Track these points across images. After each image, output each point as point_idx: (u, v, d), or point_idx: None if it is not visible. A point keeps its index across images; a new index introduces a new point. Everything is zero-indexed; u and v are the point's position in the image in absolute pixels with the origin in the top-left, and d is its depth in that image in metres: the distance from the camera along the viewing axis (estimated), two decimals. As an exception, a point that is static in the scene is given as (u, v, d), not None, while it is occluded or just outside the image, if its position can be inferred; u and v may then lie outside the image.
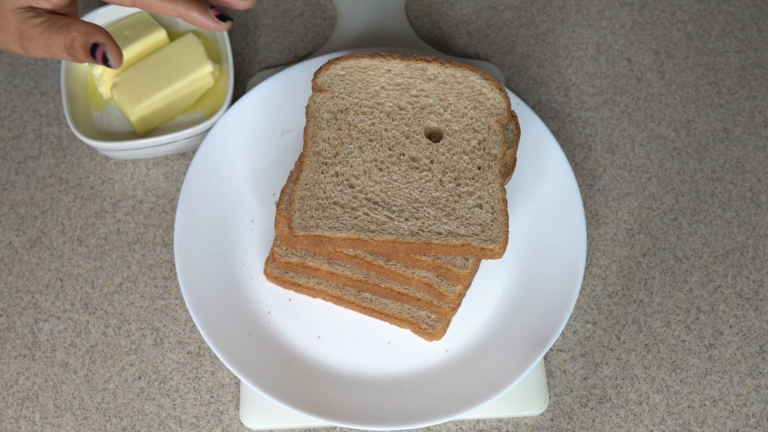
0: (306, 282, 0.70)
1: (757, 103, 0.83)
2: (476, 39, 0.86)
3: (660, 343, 0.72)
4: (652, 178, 0.79)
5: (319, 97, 0.69)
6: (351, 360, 0.69)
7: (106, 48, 0.59)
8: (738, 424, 0.70)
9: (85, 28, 0.60)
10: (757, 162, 0.80)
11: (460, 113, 0.68)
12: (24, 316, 0.72)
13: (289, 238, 0.64)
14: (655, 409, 0.70)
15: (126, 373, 0.70)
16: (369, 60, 0.70)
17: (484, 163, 0.66)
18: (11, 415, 0.69)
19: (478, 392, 0.65)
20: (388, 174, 0.66)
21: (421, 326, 0.69)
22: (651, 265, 0.75)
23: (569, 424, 0.69)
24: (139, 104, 0.75)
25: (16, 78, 0.82)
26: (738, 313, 0.74)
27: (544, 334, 0.67)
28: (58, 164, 0.78)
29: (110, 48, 0.59)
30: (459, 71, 0.69)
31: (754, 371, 0.72)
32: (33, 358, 0.71)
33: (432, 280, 0.66)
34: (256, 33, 0.86)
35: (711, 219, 0.78)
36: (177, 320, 0.72)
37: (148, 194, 0.77)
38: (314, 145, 0.67)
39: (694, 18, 0.87)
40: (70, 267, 0.74)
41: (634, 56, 0.85)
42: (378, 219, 0.64)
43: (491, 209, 0.64)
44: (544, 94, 0.83)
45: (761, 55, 0.85)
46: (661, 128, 0.82)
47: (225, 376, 0.70)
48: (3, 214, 0.76)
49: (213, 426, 0.69)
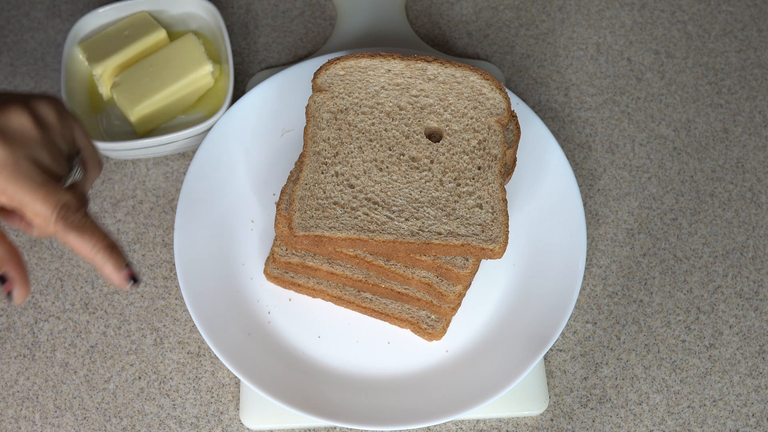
0: (306, 282, 0.70)
1: (757, 103, 0.83)
2: (476, 39, 0.86)
3: (660, 343, 0.72)
4: (652, 178, 0.79)
5: (319, 97, 0.69)
6: (351, 360, 0.69)
7: (13, 285, 0.55)
8: (738, 424, 0.70)
9: (2, 251, 0.55)
10: (757, 162, 0.80)
11: (460, 113, 0.68)
12: (24, 316, 0.72)
13: (289, 238, 0.64)
14: (655, 409, 0.70)
15: (126, 373, 0.70)
16: (369, 60, 0.70)
17: (484, 163, 0.66)
18: (11, 415, 0.69)
19: (478, 392, 0.65)
20: (388, 174, 0.66)
21: (421, 326, 0.69)
22: (651, 265, 0.75)
23: (569, 424, 0.69)
24: (139, 104, 0.75)
25: (16, 78, 0.82)
26: (738, 313, 0.74)
27: (544, 334, 0.67)
28: (58, 164, 0.78)
29: (18, 285, 0.55)
30: (459, 71, 0.69)
31: (754, 371, 0.72)
32: (33, 358, 0.71)
33: (432, 280, 0.66)
34: (256, 33, 0.86)
35: (711, 219, 0.78)
36: (177, 320, 0.72)
37: (148, 194, 0.77)
38: (314, 145, 0.67)
39: (694, 18, 0.87)
40: (70, 267, 0.74)
41: (634, 56, 0.85)
42: (378, 219, 0.64)
43: (491, 209, 0.64)
44: (544, 94, 0.83)
45: (761, 55, 0.85)
46: (661, 128, 0.82)
47: (225, 376, 0.70)
48: (3, 214, 0.76)
49: (213, 426, 0.69)
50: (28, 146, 0.53)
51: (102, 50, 0.78)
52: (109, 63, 0.77)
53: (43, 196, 0.52)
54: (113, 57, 0.77)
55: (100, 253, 0.55)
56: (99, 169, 0.59)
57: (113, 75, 0.78)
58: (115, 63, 0.78)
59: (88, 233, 0.54)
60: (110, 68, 0.78)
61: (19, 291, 0.55)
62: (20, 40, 0.84)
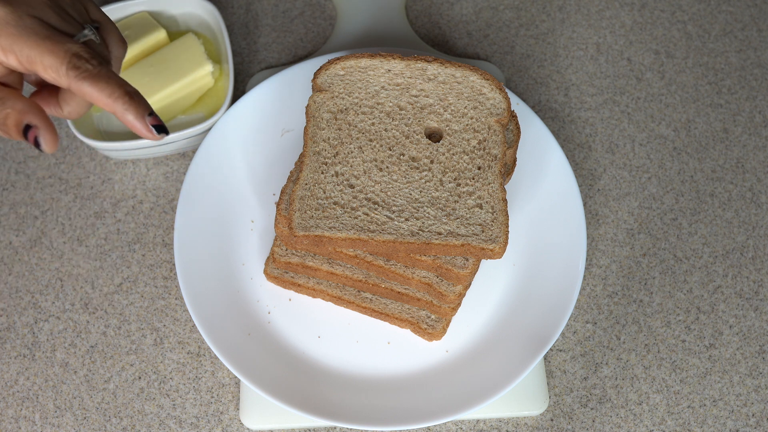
0: (306, 282, 0.70)
1: (757, 103, 0.83)
2: (476, 39, 0.86)
3: (660, 343, 0.72)
4: (652, 178, 0.79)
5: (319, 97, 0.69)
6: (351, 360, 0.69)
7: (38, 131, 0.53)
8: (738, 424, 0.70)
9: (21, 105, 0.53)
10: (757, 162, 0.80)
11: (460, 113, 0.68)
12: (24, 316, 0.72)
13: (289, 238, 0.64)
14: (655, 409, 0.70)
15: (126, 373, 0.70)
16: (369, 60, 0.70)
17: (484, 163, 0.66)
18: (11, 415, 0.69)
19: (478, 392, 0.65)
20: (388, 174, 0.66)
21: (421, 326, 0.69)
22: (651, 265, 0.75)
23: (569, 424, 0.69)
24: (139, 104, 0.75)
25: (16, 78, 0.82)
26: (738, 313, 0.74)
27: (544, 334, 0.67)
28: (58, 164, 0.78)
29: (43, 131, 0.53)
30: (459, 71, 0.69)
31: (754, 371, 0.72)
32: (33, 358, 0.71)
33: (432, 280, 0.66)
34: (256, 33, 0.86)
35: (711, 219, 0.78)
36: (177, 320, 0.72)
37: (148, 194, 0.77)
38: (314, 145, 0.67)
39: (694, 18, 0.87)
40: (70, 267, 0.74)
41: (634, 56, 0.85)
42: (378, 219, 0.64)
43: (491, 209, 0.64)
44: (544, 94, 0.83)
45: (761, 55, 0.85)
46: (661, 128, 0.82)
47: (225, 376, 0.70)
48: (3, 214, 0.76)
49: (213, 426, 0.69)
50: (32, 6, 0.51)
51: (102, 50, 0.78)
52: (109, 63, 0.77)
53: (49, 47, 0.51)
54: (113, 57, 0.77)
55: (119, 100, 0.52)
56: (122, 45, 0.56)
57: (113, 75, 0.78)
58: (115, 63, 0.78)
59: (104, 81, 0.52)
60: (110, 68, 0.78)
61: (46, 137, 0.53)
62: (20, 40, 0.84)
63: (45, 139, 0.53)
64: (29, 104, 0.54)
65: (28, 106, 0.53)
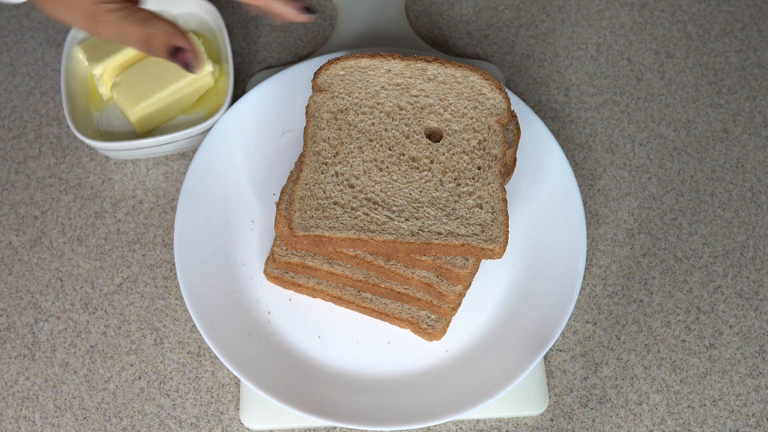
0: (306, 282, 0.70)
1: (757, 103, 0.83)
2: (476, 39, 0.86)
3: (660, 343, 0.72)
4: (652, 178, 0.79)
5: (319, 97, 0.69)
6: (351, 360, 0.69)
7: (187, 54, 0.57)
8: (738, 424, 0.70)
9: (165, 26, 0.58)
10: (757, 162, 0.80)
11: (460, 113, 0.68)
12: (24, 316, 0.72)
13: (289, 238, 0.64)
14: (655, 409, 0.70)
15: (126, 373, 0.70)
16: (369, 60, 0.70)
17: (484, 163, 0.66)
18: (11, 415, 0.69)
19: (478, 392, 0.65)
20: (388, 174, 0.66)
21: (421, 326, 0.69)
22: (651, 265, 0.75)
23: (569, 424, 0.69)
24: (139, 104, 0.75)
25: (16, 78, 0.82)
26: (738, 313, 0.74)
27: (544, 334, 0.67)
28: (58, 164, 0.78)
29: (192, 54, 0.58)
30: (459, 71, 0.69)
31: (754, 371, 0.72)
32: (33, 358, 0.71)
33: (432, 280, 0.66)
34: (256, 33, 0.86)
35: (711, 219, 0.78)
36: (177, 320, 0.72)
37: (148, 194, 0.77)
38: (314, 145, 0.67)
39: (694, 18, 0.87)
40: (70, 267, 0.74)
41: (634, 56, 0.85)
42: (378, 219, 0.64)
43: (491, 209, 0.64)
44: (544, 94, 0.83)
45: (761, 55, 0.85)
46: (661, 128, 0.82)
47: (225, 376, 0.70)
48: (3, 214, 0.76)
49: (213, 426, 0.69)
50: None
51: (102, 50, 0.78)
52: (109, 63, 0.77)
53: None
54: (113, 57, 0.77)
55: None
56: None
57: (113, 75, 0.78)
58: (115, 63, 0.78)
59: None
60: (110, 68, 0.78)
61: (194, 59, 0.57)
62: (20, 40, 0.84)
63: (194, 61, 0.57)
64: (172, 26, 0.57)
65: (172, 27, 0.57)
